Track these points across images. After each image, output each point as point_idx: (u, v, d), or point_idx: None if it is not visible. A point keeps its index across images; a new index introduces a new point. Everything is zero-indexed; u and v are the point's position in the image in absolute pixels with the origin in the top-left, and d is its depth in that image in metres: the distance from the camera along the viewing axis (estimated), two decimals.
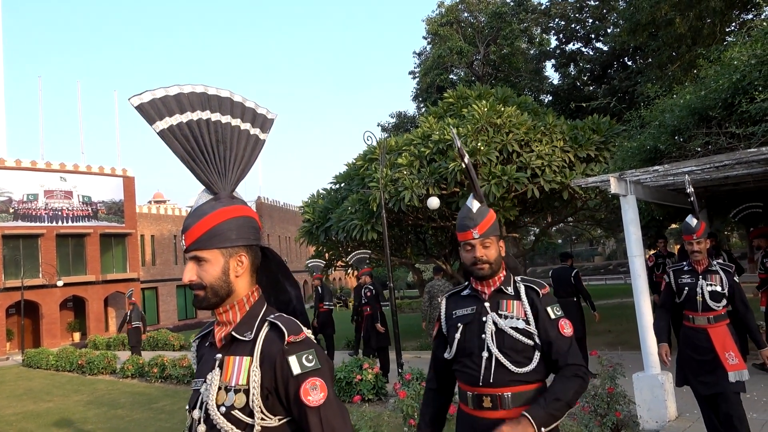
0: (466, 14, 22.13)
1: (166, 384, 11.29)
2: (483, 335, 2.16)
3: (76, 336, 28.47)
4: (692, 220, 4.01)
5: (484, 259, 2.16)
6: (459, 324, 2.24)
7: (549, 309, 2.16)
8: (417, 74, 22.87)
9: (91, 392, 11.26)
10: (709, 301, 4.03)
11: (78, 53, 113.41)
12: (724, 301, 4.07)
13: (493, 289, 2.23)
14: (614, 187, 6.68)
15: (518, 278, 2.28)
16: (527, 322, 2.14)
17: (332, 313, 11.46)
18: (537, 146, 10.51)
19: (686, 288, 4.16)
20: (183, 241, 1.45)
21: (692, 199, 4.09)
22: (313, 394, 1.36)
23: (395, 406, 4.92)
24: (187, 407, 1.52)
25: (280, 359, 1.38)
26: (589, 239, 49.36)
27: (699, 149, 6.75)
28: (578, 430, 4.51)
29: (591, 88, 18.87)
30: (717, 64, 6.99)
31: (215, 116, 1.52)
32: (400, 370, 8.30)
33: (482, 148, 10.18)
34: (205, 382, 1.46)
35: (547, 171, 10.23)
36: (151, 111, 1.44)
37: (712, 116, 6.55)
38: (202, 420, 1.44)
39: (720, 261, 4.18)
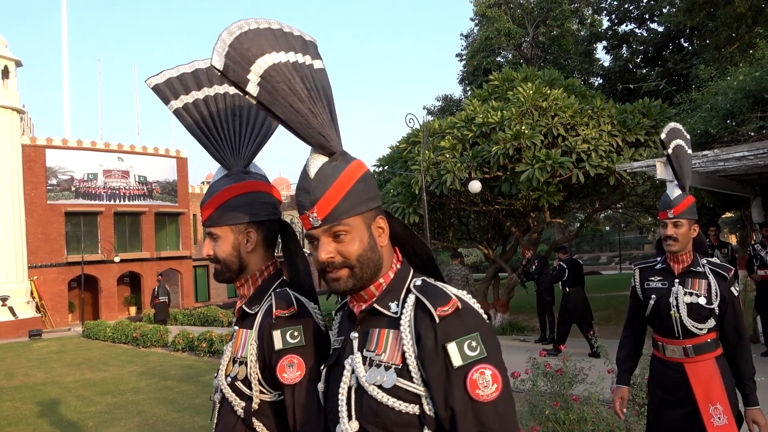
0: None
1: (214, 358, 11.75)
2: (339, 395, 1.21)
3: (132, 310, 29.81)
4: (673, 191, 2.71)
5: (337, 262, 1.16)
6: (324, 367, 1.31)
7: (454, 348, 1.08)
8: (464, 57, 22.58)
9: (144, 363, 11.83)
10: (686, 320, 2.63)
11: (135, 37, 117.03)
12: (712, 323, 2.64)
13: (364, 307, 1.22)
14: (660, 172, 6.51)
15: (418, 282, 1.20)
16: (408, 375, 1.12)
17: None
18: (583, 130, 10.28)
19: (653, 296, 2.76)
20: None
21: (669, 152, 2.72)
22: (289, 371, 1.32)
23: None
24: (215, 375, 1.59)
25: (267, 333, 1.37)
26: (638, 227, 47.88)
27: (753, 133, 6.49)
28: (614, 419, 4.47)
29: (644, 70, 18.19)
30: None
31: (233, 89, 1.46)
32: None
33: (526, 131, 10.04)
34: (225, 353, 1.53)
35: (593, 155, 10.00)
36: (166, 91, 1.45)
37: None
38: (218, 389, 1.51)
39: (711, 259, 2.76)
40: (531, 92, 10.63)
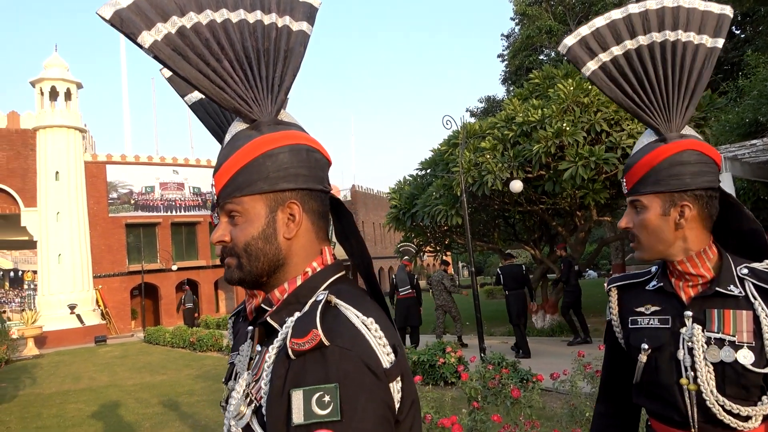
0: None
1: None
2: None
3: None
4: (646, 140, 1.32)
5: (227, 247, 1.00)
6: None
7: (299, 398, 0.78)
8: (505, 57, 22.32)
9: (200, 367, 12.27)
10: (711, 399, 1.18)
11: None
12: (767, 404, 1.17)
13: (262, 319, 1.00)
14: None
15: (320, 297, 0.89)
16: (261, 418, 0.89)
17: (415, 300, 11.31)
18: (628, 125, 10.02)
19: (644, 346, 1.29)
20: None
21: (634, 88, 1.37)
22: None
23: (460, 388, 5.00)
24: (223, 380, 1.37)
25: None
26: None
27: None
28: None
29: None
30: None
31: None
32: (482, 355, 8.35)
33: (568, 128, 9.87)
34: (239, 354, 1.32)
35: None
36: (182, 83, 1.39)
37: None
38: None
39: (756, 266, 1.24)
40: (572, 88, 10.44)
